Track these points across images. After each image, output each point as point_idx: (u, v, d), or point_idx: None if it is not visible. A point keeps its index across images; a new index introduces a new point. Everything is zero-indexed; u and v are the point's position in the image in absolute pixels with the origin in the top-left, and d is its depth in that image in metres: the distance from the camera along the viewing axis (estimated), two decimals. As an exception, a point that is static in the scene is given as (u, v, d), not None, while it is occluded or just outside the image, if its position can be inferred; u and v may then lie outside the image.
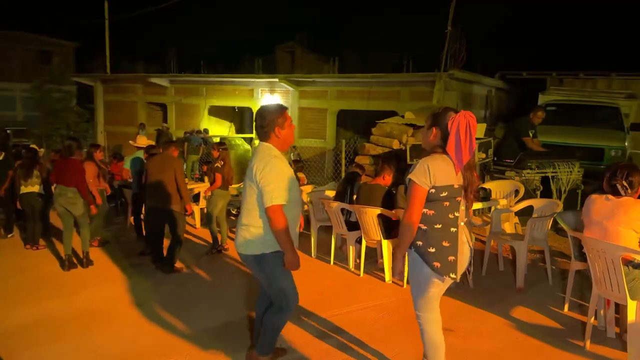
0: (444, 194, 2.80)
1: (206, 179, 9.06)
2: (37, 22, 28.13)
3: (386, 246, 5.54)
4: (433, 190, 2.79)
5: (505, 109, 17.69)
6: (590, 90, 14.22)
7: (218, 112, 19.51)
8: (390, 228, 5.59)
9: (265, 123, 3.18)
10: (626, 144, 10.43)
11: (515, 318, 4.47)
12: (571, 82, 16.41)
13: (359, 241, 6.08)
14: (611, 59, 17.80)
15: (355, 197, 6.24)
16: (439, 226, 2.83)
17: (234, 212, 8.21)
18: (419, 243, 2.86)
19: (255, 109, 18.38)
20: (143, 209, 6.95)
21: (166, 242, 6.17)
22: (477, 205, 5.86)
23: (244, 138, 17.90)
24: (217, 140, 15.24)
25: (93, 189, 6.99)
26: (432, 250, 2.83)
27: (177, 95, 19.08)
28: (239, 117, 20.85)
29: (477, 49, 16.85)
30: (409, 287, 3.15)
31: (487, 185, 6.80)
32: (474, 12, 14.55)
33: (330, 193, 7.24)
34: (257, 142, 15.57)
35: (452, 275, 2.85)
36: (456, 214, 2.87)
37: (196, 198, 8.71)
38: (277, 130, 3.19)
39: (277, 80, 16.32)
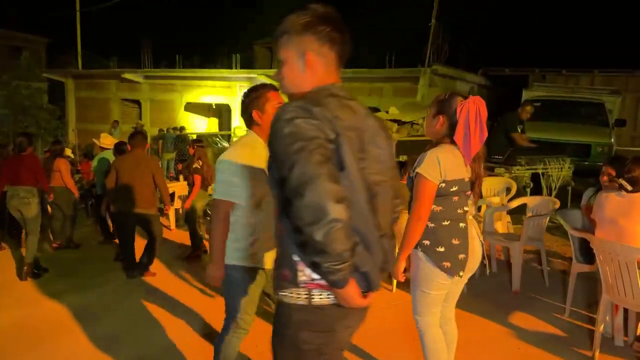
0: (455, 189, 2.56)
1: (181, 177, 8.59)
2: (7, 17, 27.06)
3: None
4: (443, 185, 2.54)
5: (487, 106, 17.55)
6: (573, 87, 14.12)
7: (195, 109, 18.98)
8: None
9: (244, 107, 2.63)
10: (612, 140, 10.28)
11: (514, 325, 4.15)
12: (554, 79, 16.33)
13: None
14: (593, 56, 17.76)
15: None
16: (447, 223, 2.59)
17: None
18: (426, 242, 2.60)
19: (233, 106, 18.06)
20: (105, 209, 6.48)
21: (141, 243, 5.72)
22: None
23: (222, 135, 17.41)
24: (194, 137, 14.78)
25: (72, 185, 6.73)
26: (442, 249, 2.58)
27: (152, 92, 18.48)
28: (217, 114, 20.32)
29: (460, 44, 16.64)
30: (400, 292, 2.87)
31: (478, 182, 6.47)
32: (456, 7, 14.34)
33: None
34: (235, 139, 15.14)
35: (461, 274, 2.60)
36: (465, 209, 2.65)
37: (171, 198, 8.22)
38: (256, 114, 2.58)
39: (256, 75, 15.87)
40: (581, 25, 20.77)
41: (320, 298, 1.59)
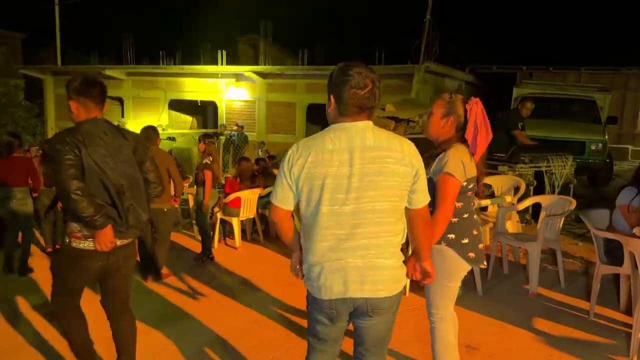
0: (472, 185, 2.77)
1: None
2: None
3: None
4: (465, 183, 2.71)
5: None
6: (563, 84, 14.12)
7: (180, 107, 18.55)
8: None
9: (378, 93, 2.10)
10: (606, 137, 10.28)
11: (540, 330, 3.99)
12: (541, 76, 16.37)
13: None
14: (579, 53, 17.88)
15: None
16: (467, 215, 2.77)
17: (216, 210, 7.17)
18: (451, 236, 2.73)
19: (219, 103, 17.69)
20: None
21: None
22: (485, 202, 5.39)
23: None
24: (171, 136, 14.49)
25: None
26: (466, 241, 2.74)
27: (135, 89, 18.01)
28: (203, 112, 19.92)
29: (448, 42, 16.55)
30: (413, 296, 2.89)
31: (487, 181, 6.32)
32: (443, 5, 14.26)
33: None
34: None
35: (485, 263, 2.84)
36: (475, 202, 2.92)
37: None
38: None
39: (242, 72, 15.55)
40: (567, 22, 20.93)
41: (75, 243, 2.78)
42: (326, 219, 2.05)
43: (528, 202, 5.51)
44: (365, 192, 2.03)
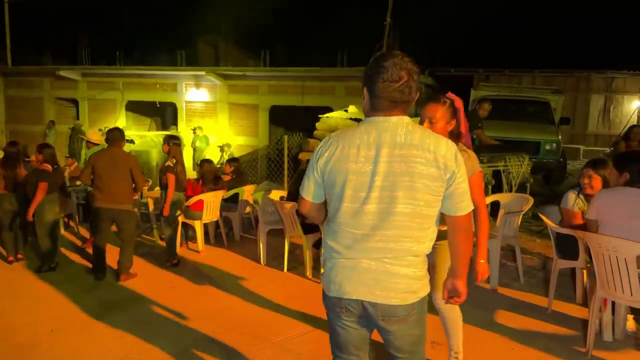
0: None
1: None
2: None
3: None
4: None
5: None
6: (518, 86, 14.59)
7: (137, 108, 18.13)
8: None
9: (416, 85, 1.93)
10: (559, 137, 10.66)
11: (502, 325, 4.09)
12: (497, 79, 16.87)
13: (316, 245, 5.51)
14: (533, 57, 18.52)
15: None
16: None
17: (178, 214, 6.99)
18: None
19: (179, 104, 17.38)
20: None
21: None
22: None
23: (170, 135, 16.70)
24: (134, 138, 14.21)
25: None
26: None
27: (91, 90, 17.50)
28: (162, 113, 19.54)
29: (408, 44, 16.84)
30: None
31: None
32: (402, 8, 14.46)
33: (276, 193, 6.58)
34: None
35: None
36: None
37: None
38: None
39: (203, 73, 15.33)
40: (522, 26, 21.63)
41: None
42: (346, 216, 1.95)
43: (487, 200, 5.63)
44: (388, 192, 1.89)
